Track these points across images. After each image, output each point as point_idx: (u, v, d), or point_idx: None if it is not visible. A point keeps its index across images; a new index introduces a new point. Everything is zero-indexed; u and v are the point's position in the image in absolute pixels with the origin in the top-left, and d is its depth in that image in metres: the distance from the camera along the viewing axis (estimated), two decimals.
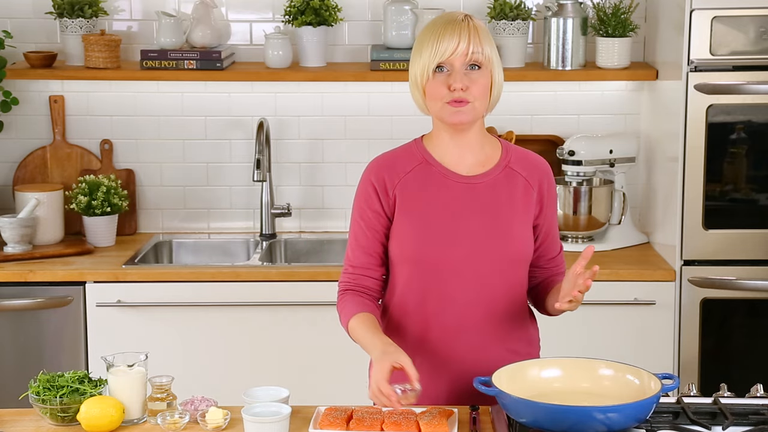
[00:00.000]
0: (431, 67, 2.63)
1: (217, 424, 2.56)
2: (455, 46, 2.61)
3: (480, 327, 2.72)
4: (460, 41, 2.61)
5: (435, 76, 2.63)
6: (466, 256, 2.68)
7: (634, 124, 4.43)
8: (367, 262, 2.76)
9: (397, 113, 4.40)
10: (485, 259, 2.68)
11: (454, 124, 2.66)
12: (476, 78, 2.63)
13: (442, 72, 2.63)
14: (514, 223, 2.71)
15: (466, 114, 2.64)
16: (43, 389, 2.62)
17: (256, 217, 4.50)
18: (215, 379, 3.94)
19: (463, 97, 2.62)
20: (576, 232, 4.24)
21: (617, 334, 3.95)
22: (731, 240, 3.91)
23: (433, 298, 2.70)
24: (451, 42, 2.61)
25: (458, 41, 2.61)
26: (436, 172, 2.72)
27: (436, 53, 2.62)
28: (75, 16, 4.31)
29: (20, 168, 4.45)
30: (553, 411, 2.34)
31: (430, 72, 2.63)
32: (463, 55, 2.61)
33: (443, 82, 2.63)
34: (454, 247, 2.68)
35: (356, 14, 4.43)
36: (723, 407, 2.53)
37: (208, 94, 4.44)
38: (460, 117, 2.64)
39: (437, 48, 2.62)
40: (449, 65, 2.62)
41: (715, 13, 3.79)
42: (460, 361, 2.73)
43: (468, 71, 2.63)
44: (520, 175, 2.74)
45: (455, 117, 2.64)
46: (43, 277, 3.96)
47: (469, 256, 2.68)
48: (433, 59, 2.62)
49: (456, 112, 2.64)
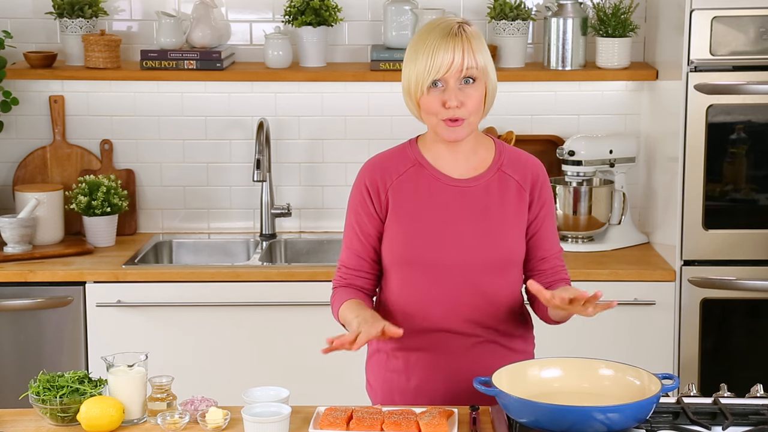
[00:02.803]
0: (426, 83, 2.63)
1: (217, 424, 2.56)
2: (450, 61, 2.60)
3: (472, 327, 2.73)
4: (454, 57, 2.60)
5: (430, 91, 2.64)
6: (458, 259, 2.69)
7: (634, 124, 4.43)
8: (358, 264, 2.79)
9: (397, 113, 4.39)
10: (476, 261, 2.69)
11: (449, 141, 2.68)
12: (471, 93, 2.63)
13: (437, 87, 2.63)
14: (506, 227, 2.72)
15: (462, 131, 2.66)
16: (43, 389, 2.62)
17: (256, 217, 4.50)
18: (215, 379, 3.94)
19: (458, 115, 2.63)
20: (576, 232, 4.24)
21: (617, 334, 3.95)
22: (731, 240, 3.91)
23: (425, 300, 2.71)
24: (446, 57, 2.60)
25: (452, 57, 2.60)
26: (428, 175, 2.73)
27: (431, 69, 2.61)
28: (75, 16, 4.31)
29: (20, 168, 4.45)
30: (553, 411, 2.34)
31: (425, 88, 2.63)
32: (458, 71, 2.61)
33: (438, 98, 2.63)
34: (445, 250, 2.69)
35: (356, 14, 4.43)
36: (723, 407, 2.53)
37: (208, 94, 4.44)
38: (455, 135, 2.66)
39: (432, 63, 2.61)
40: (444, 81, 2.63)
41: (715, 13, 3.79)
42: (454, 362, 2.74)
43: (462, 86, 2.63)
44: (513, 178, 2.74)
45: (451, 135, 2.66)
46: (43, 277, 3.96)
47: (460, 259, 2.69)
48: (428, 76, 2.62)
49: (452, 131, 2.66)
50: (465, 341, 2.73)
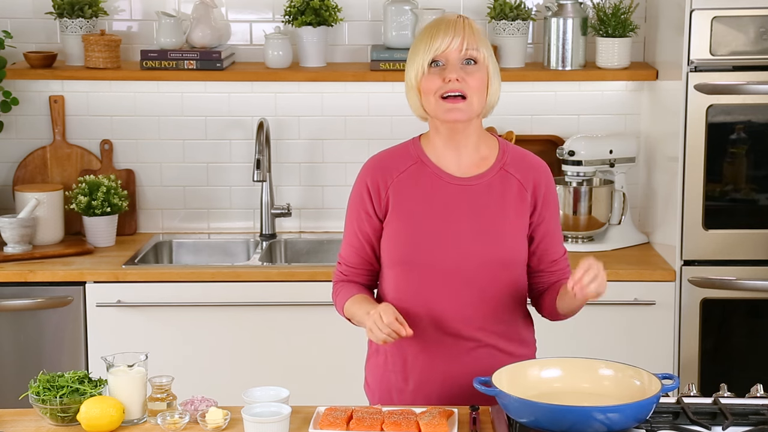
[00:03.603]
0: (426, 63, 2.62)
1: (217, 424, 2.56)
2: (450, 40, 2.61)
3: (471, 328, 2.72)
4: (454, 36, 2.61)
5: (429, 70, 2.63)
6: (457, 258, 2.68)
7: (634, 124, 4.43)
8: (357, 262, 2.80)
9: (397, 113, 4.39)
10: (476, 261, 2.68)
11: (449, 121, 2.65)
12: (472, 71, 2.62)
13: (437, 66, 2.63)
14: (506, 227, 2.71)
15: (461, 111, 2.63)
16: (43, 389, 2.62)
17: (256, 217, 4.50)
18: (215, 379, 3.94)
19: (458, 88, 2.60)
20: (576, 232, 4.24)
21: (617, 334, 3.95)
22: (731, 240, 3.91)
23: (424, 299, 2.70)
24: (446, 38, 2.61)
25: (452, 36, 2.61)
26: (430, 173, 2.72)
27: (430, 49, 2.61)
28: (75, 16, 4.31)
29: (20, 168, 4.45)
30: (553, 411, 2.34)
31: (425, 67, 2.62)
32: (458, 50, 2.61)
33: (438, 75, 2.62)
34: (445, 249, 2.68)
35: (356, 14, 4.43)
36: (723, 407, 2.53)
37: (208, 94, 4.44)
38: (455, 114, 2.63)
39: (431, 44, 2.61)
40: (444, 59, 2.62)
41: (715, 13, 3.79)
42: (452, 362, 2.73)
43: (464, 65, 2.62)
44: (515, 177, 2.73)
45: (450, 114, 2.63)
46: (43, 277, 3.96)
47: (460, 258, 2.68)
48: (428, 55, 2.61)
49: (451, 109, 2.62)
50: (464, 342, 2.72)
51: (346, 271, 2.82)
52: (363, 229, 2.76)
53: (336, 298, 2.82)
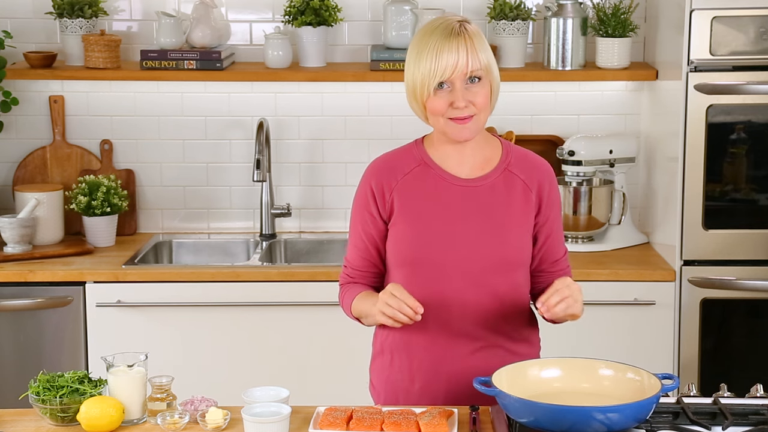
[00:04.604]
0: (432, 85, 2.62)
1: (217, 424, 2.56)
2: (455, 62, 2.60)
3: (478, 329, 2.72)
4: (459, 58, 2.60)
5: (436, 93, 2.63)
6: (462, 259, 2.68)
7: (634, 124, 4.43)
8: (363, 264, 2.80)
9: (397, 113, 4.39)
10: (481, 262, 2.68)
11: (459, 141, 2.67)
12: (477, 91, 2.63)
13: (443, 89, 2.63)
14: (511, 227, 2.71)
15: (470, 130, 2.65)
16: (43, 389, 2.62)
17: (256, 217, 4.50)
18: (215, 379, 3.94)
19: (466, 113, 2.63)
20: (576, 232, 4.24)
21: (617, 334, 3.95)
22: (731, 240, 3.91)
23: (429, 300, 2.69)
24: (450, 59, 2.60)
25: (457, 58, 2.60)
26: (434, 175, 2.72)
27: (436, 72, 2.61)
28: (75, 16, 4.31)
29: (20, 168, 4.45)
30: (553, 411, 2.34)
31: (431, 90, 2.63)
32: (463, 72, 2.61)
33: (445, 99, 2.63)
34: (452, 249, 2.68)
35: (356, 14, 4.43)
36: (723, 407, 2.53)
37: (208, 94, 4.44)
38: (464, 134, 2.66)
39: (437, 65, 2.60)
40: (450, 83, 2.62)
41: (715, 13, 3.79)
42: (458, 362, 2.73)
43: (468, 85, 2.63)
44: (519, 177, 2.73)
45: (460, 134, 2.65)
46: (43, 277, 3.96)
47: (465, 259, 2.68)
48: (434, 77, 2.61)
49: (461, 129, 2.65)
50: (470, 342, 2.72)
51: (352, 273, 2.82)
52: (368, 232, 2.76)
53: (343, 299, 2.82)
